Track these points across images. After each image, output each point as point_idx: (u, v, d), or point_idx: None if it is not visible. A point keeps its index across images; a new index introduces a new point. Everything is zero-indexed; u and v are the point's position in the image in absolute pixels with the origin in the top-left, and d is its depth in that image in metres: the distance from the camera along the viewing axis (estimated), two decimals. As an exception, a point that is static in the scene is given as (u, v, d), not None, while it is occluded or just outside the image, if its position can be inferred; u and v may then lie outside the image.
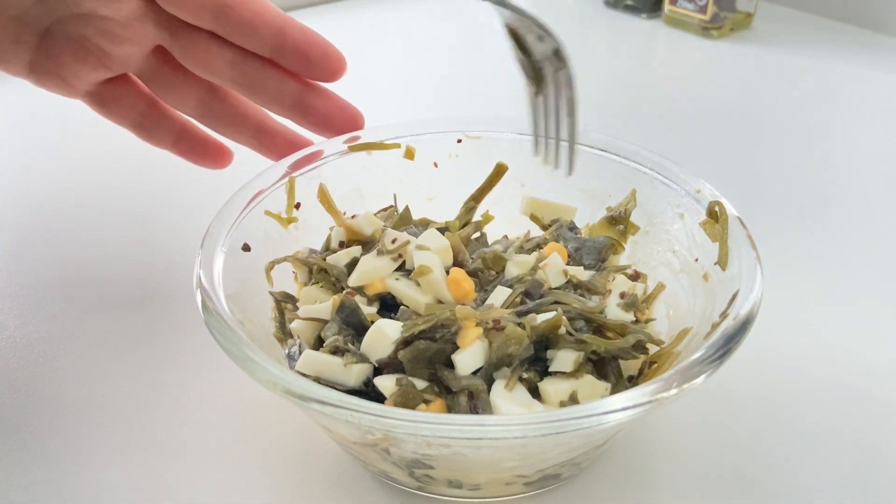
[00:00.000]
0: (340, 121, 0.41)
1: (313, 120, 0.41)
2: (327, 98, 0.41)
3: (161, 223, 0.53)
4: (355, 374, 0.31)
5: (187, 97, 0.42)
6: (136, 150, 0.62)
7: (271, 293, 0.37)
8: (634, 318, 0.34)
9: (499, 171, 0.41)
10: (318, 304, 0.35)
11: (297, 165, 0.39)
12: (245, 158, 0.45)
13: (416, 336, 0.31)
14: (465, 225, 0.41)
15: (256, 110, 0.43)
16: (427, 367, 0.31)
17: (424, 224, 0.40)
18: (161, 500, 0.33)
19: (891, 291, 0.46)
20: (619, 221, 0.40)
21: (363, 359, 0.32)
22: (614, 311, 0.34)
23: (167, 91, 0.42)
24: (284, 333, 0.36)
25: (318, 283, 0.37)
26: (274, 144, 0.43)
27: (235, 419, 0.37)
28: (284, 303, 0.37)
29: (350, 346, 0.32)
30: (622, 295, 0.35)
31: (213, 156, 0.45)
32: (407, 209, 0.41)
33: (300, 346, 0.34)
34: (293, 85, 0.41)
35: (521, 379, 0.31)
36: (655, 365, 0.34)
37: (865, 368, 0.40)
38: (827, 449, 0.36)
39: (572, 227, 0.40)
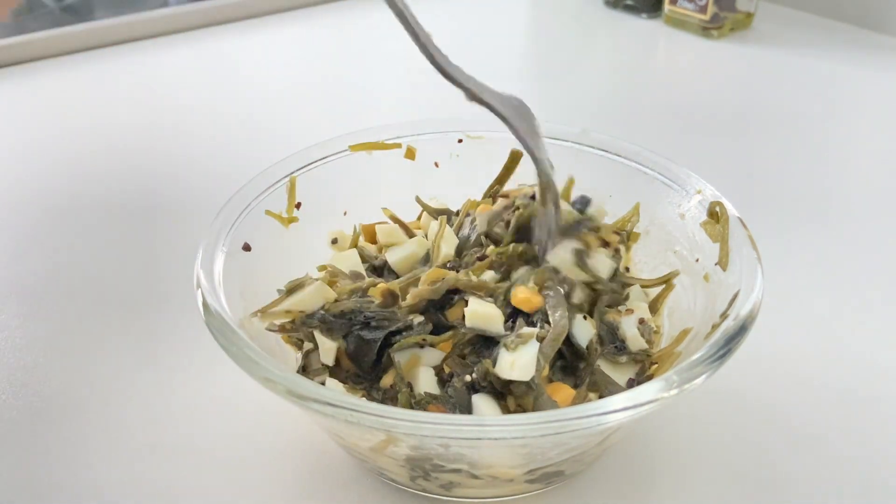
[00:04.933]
0: None
1: None
2: None
3: (161, 223, 0.53)
4: None
5: None
6: (136, 151, 0.62)
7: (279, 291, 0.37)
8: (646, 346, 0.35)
9: (514, 158, 0.42)
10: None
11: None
12: (245, 158, 0.45)
13: None
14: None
15: None
16: None
17: (444, 211, 0.41)
18: (161, 500, 0.33)
19: (891, 291, 0.46)
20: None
21: None
22: (633, 332, 0.35)
23: None
24: None
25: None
26: None
27: (235, 419, 0.37)
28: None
29: None
30: (641, 321, 0.35)
31: None
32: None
33: None
34: None
35: None
36: (656, 365, 0.34)
37: (866, 368, 0.40)
38: (828, 449, 0.36)
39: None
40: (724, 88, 0.74)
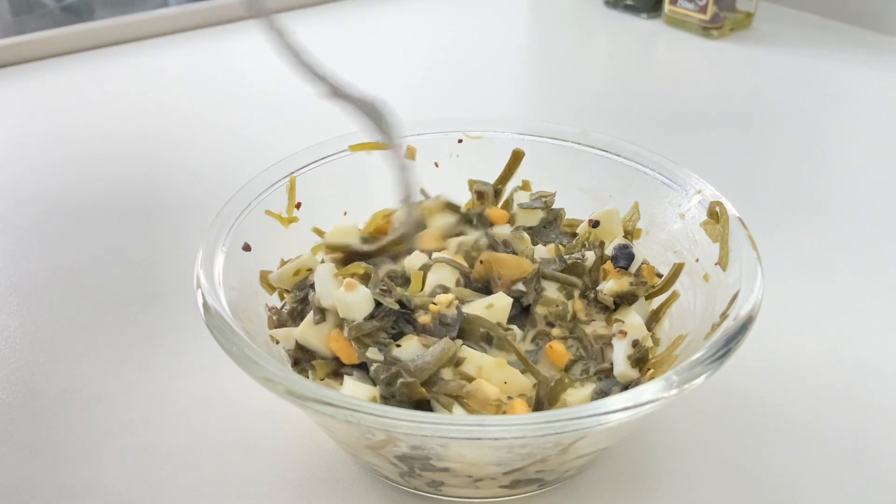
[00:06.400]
0: None
1: None
2: None
3: (161, 223, 0.53)
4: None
5: None
6: (136, 151, 0.62)
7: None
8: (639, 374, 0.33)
9: (517, 157, 0.42)
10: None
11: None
12: (245, 158, 0.45)
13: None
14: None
15: None
16: None
17: (451, 205, 0.41)
18: (161, 500, 0.33)
19: (891, 291, 0.46)
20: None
21: None
22: (622, 361, 0.33)
23: None
24: None
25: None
26: None
27: (235, 418, 0.37)
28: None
29: None
30: (635, 343, 0.33)
31: None
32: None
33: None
34: None
35: None
36: (651, 371, 0.34)
37: (866, 369, 0.40)
38: (827, 449, 0.36)
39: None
40: (724, 88, 0.74)
